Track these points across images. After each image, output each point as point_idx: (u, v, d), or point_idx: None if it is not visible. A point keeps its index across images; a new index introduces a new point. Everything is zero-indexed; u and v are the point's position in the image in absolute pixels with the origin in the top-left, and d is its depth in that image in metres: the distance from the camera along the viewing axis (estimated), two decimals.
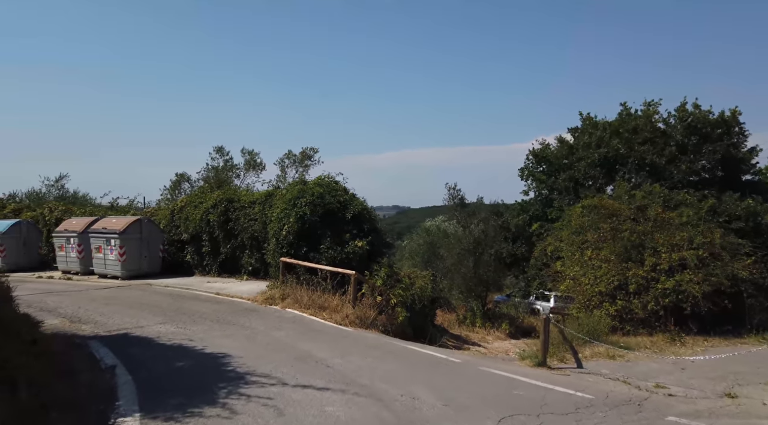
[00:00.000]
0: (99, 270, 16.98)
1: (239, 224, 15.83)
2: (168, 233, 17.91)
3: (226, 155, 26.68)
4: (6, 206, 23.01)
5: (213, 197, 16.88)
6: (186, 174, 25.18)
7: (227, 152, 26.96)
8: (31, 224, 20.26)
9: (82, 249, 17.37)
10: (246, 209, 15.88)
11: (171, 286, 14.83)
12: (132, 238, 16.43)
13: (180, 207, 17.95)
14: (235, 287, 14.40)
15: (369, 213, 14.32)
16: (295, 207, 13.29)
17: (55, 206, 21.17)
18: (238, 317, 10.76)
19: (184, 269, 17.63)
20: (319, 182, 14.26)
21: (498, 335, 20.90)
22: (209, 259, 16.96)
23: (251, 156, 27.16)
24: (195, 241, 17.16)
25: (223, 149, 26.72)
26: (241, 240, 15.83)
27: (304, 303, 12.06)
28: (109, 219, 17.46)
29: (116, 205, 24.03)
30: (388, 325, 12.11)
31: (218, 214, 16.23)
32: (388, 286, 12.75)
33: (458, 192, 24.56)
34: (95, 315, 10.32)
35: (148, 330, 9.24)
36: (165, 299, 12.63)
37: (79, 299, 12.25)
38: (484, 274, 21.20)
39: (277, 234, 13.39)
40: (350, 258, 13.17)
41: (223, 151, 26.67)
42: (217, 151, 26.42)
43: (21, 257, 19.58)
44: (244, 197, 16.40)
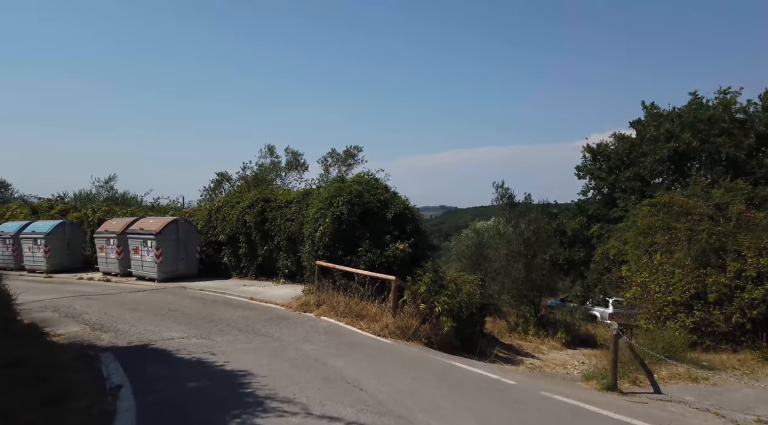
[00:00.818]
0: (137, 272, 16.65)
1: (276, 225, 15.08)
2: (205, 234, 17.42)
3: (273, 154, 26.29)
4: (54, 207, 23.33)
5: (249, 196, 16.23)
6: (227, 174, 24.86)
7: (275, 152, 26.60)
8: (75, 225, 20.32)
9: (121, 250, 17.11)
10: (283, 209, 15.11)
11: (205, 290, 14.23)
12: (168, 239, 15.99)
13: (217, 207, 17.42)
14: (269, 292, 13.63)
15: (412, 213, 13.22)
16: (331, 206, 12.36)
17: (98, 207, 21.19)
18: (268, 327, 9.91)
19: (222, 271, 17.08)
20: (357, 180, 13.28)
21: (553, 344, 19.33)
22: (246, 261, 16.32)
23: (294, 156, 26.61)
24: (232, 242, 16.57)
25: (274, 148, 26.33)
26: (277, 242, 15.07)
27: (340, 311, 11.10)
28: (146, 220, 17.13)
29: (157, 205, 23.93)
30: (432, 336, 10.99)
31: (254, 214, 15.55)
32: (433, 292, 11.62)
33: (507, 191, 23.03)
34: (119, 323, 9.70)
35: (170, 340, 8.49)
36: (196, 304, 11.98)
37: (109, 303, 11.76)
38: (537, 278, 19.66)
39: (312, 235, 12.50)
40: (391, 262, 12.12)
41: (274, 150, 26.27)
42: (268, 149, 26.02)
43: (65, 257, 19.63)
44: (281, 196, 15.65)
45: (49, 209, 23.13)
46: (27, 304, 11.55)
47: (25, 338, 7.50)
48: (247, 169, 24.96)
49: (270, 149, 26.19)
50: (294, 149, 27.21)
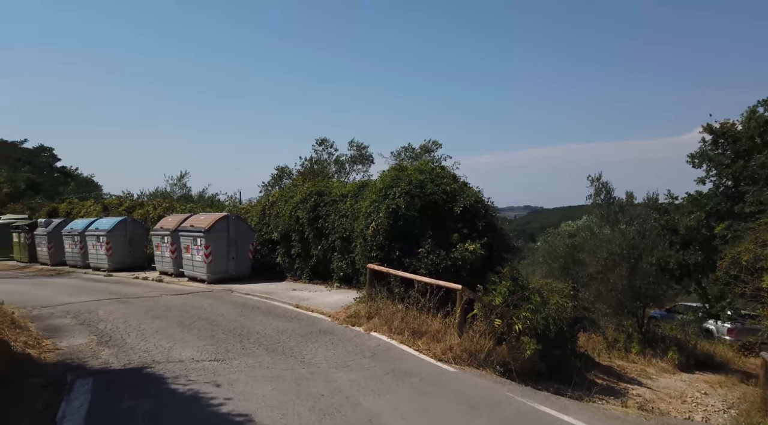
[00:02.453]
0: (188, 272, 15.59)
1: (329, 222, 13.30)
2: (258, 232, 16.05)
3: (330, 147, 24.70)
4: (122, 204, 23.27)
5: (302, 190, 14.61)
6: (286, 168, 23.62)
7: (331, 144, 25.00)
8: (137, 222, 19.85)
9: (175, 249, 16.16)
10: (337, 204, 13.31)
11: (251, 294, 12.72)
12: (218, 237, 14.73)
13: (271, 203, 15.99)
14: (319, 299, 11.84)
15: (485, 207, 10.89)
16: (386, 198, 10.33)
17: (159, 203, 20.66)
18: (302, 345, 8.06)
19: (276, 273, 15.61)
20: (420, 168, 11.14)
21: (663, 366, 16.03)
22: (300, 262, 14.71)
23: (359, 149, 24.88)
24: (285, 241, 15.04)
25: (327, 141, 24.74)
26: (332, 241, 13.29)
27: (394, 326, 9.03)
28: (198, 216, 16.05)
29: (216, 201, 23.13)
30: (510, 361, 8.64)
31: (307, 210, 13.88)
32: (511, 305, 9.26)
33: (605, 185, 19.78)
34: (131, 335, 8.26)
35: (176, 362, 6.85)
36: (232, 312, 10.42)
37: (138, 308, 10.49)
38: (642, 286, 16.44)
39: (364, 233, 10.54)
40: (458, 266, 9.89)
41: (327, 143, 24.69)
42: (319, 143, 24.56)
43: (127, 255, 19.16)
44: (335, 189, 13.86)
45: (118, 207, 23.08)
46: (56, 307, 10.56)
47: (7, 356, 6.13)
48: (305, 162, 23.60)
49: (322, 142, 24.64)
50: (359, 142, 25.49)
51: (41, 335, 8.04)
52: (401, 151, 25.81)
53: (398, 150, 25.58)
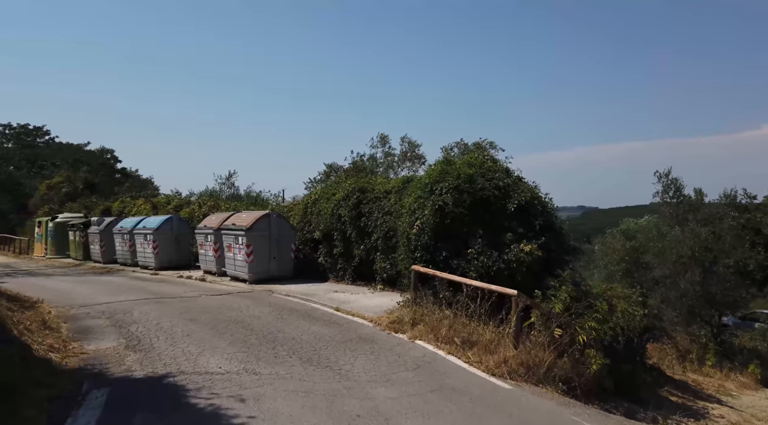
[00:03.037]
0: (230, 272, 15.28)
1: (372, 220, 12.60)
2: (301, 230, 15.55)
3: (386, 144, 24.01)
4: (170, 203, 23.44)
5: (345, 186, 13.97)
6: (335, 165, 23.08)
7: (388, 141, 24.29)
8: (182, 221, 19.84)
9: (218, 247, 15.90)
10: (381, 201, 12.58)
11: (291, 295, 12.19)
12: (259, 236, 14.32)
13: (313, 200, 15.45)
14: (360, 302, 11.15)
15: (542, 204, 9.88)
16: (432, 194, 9.50)
17: (204, 201, 20.58)
18: (340, 354, 7.36)
19: (319, 273, 15.05)
20: (469, 161, 10.24)
21: (743, 381, 14.43)
22: (342, 262, 14.08)
23: (411, 146, 24.02)
24: (327, 240, 14.46)
25: (387, 138, 24.04)
26: (375, 240, 12.58)
27: (441, 334, 8.20)
28: (240, 214, 15.72)
29: (260, 199, 22.85)
30: (574, 376, 7.65)
31: (349, 207, 13.22)
32: (574, 313, 8.26)
33: (674, 182, 18.10)
34: (161, 339, 7.82)
35: (200, 372, 6.29)
36: (269, 315, 9.87)
37: (175, 310, 10.12)
38: (718, 292, 14.85)
39: (408, 232, 9.75)
40: (513, 269, 8.95)
41: (387, 139, 23.99)
42: (380, 139, 23.86)
43: (173, 254, 19.16)
44: (379, 185, 13.13)
45: (166, 205, 23.27)
46: (94, 307, 10.35)
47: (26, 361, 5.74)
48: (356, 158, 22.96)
49: (382, 138, 23.90)
50: (411, 139, 24.63)
51: (71, 337, 7.71)
52: (452, 146, 24.87)
53: (449, 145, 24.66)
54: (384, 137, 24.60)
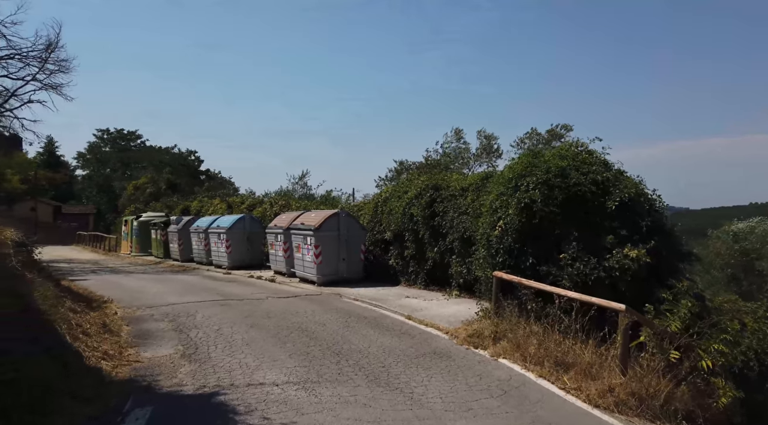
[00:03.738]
0: (299, 273, 14.82)
1: (447, 220, 11.57)
2: (371, 230, 14.80)
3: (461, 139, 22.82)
4: (244, 202, 23.60)
5: (417, 184, 13.02)
6: (406, 162, 22.19)
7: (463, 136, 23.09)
8: (254, 220, 19.78)
9: (287, 247, 15.52)
10: (456, 199, 11.53)
11: (360, 300, 11.43)
12: (328, 236, 13.72)
13: (384, 199, 14.65)
14: (434, 309, 10.17)
15: (649, 202, 8.42)
16: (517, 191, 8.34)
17: (275, 201, 20.42)
18: (412, 371, 6.44)
19: (390, 276, 14.23)
20: (560, 153, 8.96)
21: None
22: (414, 265, 13.16)
23: (488, 140, 22.66)
24: (398, 241, 13.59)
25: (462, 132, 22.86)
26: (450, 242, 11.55)
27: (529, 353, 7.05)
28: (309, 214, 15.23)
29: (330, 198, 22.38)
30: (697, 410, 6.27)
31: (422, 206, 12.27)
32: (694, 333, 6.84)
33: None
34: (219, 347, 7.27)
35: (254, 389, 5.61)
36: (336, 322, 9.14)
37: (238, 313, 9.65)
38: None
39: (488, 234, 8.64)
40: (614, 278, 7.61)
41: (461, 134, 22.82)
42: (455, 133, 22.71)
43: (245, 253, 19.11)
44: (454, 182, 12.08)
45: (240, 205, 23.46)
46: (160, 308, 10.10)
47: (69, 370, 5.30)
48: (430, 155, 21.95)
49: (457, 132, 22.70)
50: (488, 132, 23.25)
51: (129, 342, 7.35)
52: (524, 138, 23.23)
53: (521, 137, 23.06)
54: (458, 131, 23.40)
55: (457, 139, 23.04)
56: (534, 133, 22.10)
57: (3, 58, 23.01)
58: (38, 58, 23.55)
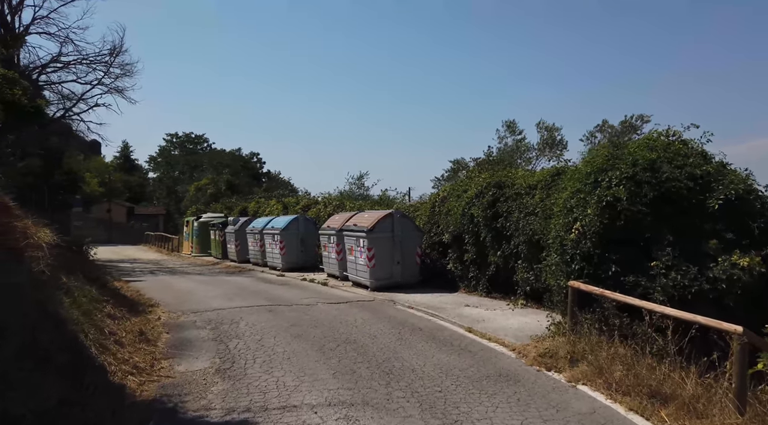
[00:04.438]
0: (352, 276, 14.13)
1: (512, 221, 10.47)
2: (428, 232, 13.87)
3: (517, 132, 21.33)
4: (299, 203, 23.28)
5: (478, 182, 11.97)
6: (463, 161, 21.05)
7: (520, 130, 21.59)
8: (308, 221, 19.32)
9: (340, 250, 14.89)
10: (522, 198, 10.41)
11: (416, 307, 10.55)
12: (381, 238, 12.93)
13: (441, 199, 13.68)
14: (498, 321, 9.11)
15: (761, 200, 7.03)
16: (597, 187, 7.18)
17: (329, 201, 19.90)
18: (474, 399, 5.49)
19: (448, 281, 13.25)
20: (648, 143, 7.70)
21: None
22: (474, 270, 12.12)
23: (550, 132, 21.07)
24: (457, 244, 12.60)
25: (515, 125, 21.38)
26: (515, 245, 10.45)
27: (615, 380, 5.91)
28: (362, 214, 14.50)
29: (386, 198, 21.59)
30: None
31: (483, 206, 11.23)
32: None
33: None
34: (257, 361, 6.61)
35: (289, 414, 4.86)
36: (388, 333, 8.31)
37: (282, 322, 9.01)
38: None
39: (562, 237, 7.51)
40: (721, 291, 6.33)
41: (515, 127, 21.34)
42: (507, 127, 21.31)
43: (299, 255, 18.69)
44: (520, 179, 10.94)
45: (295, 205, 23.16)
46: (204, 313, 9.65)
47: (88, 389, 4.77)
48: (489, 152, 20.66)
49: (509, 126, 21.21)
50: (549, 123, 21.62)
51: (165, 352, 6.84)
52: (595, 131, 21.46)
53: (591, 131, 21.30)
54: (511, 124, 21.87)
55: (510, 132, 21.54)
56: (605, 125, 20.36)
57: (71, 64, 23.99)
58: (103, 63, 24.39)
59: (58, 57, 23.00)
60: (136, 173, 78.22)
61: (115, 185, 63.65)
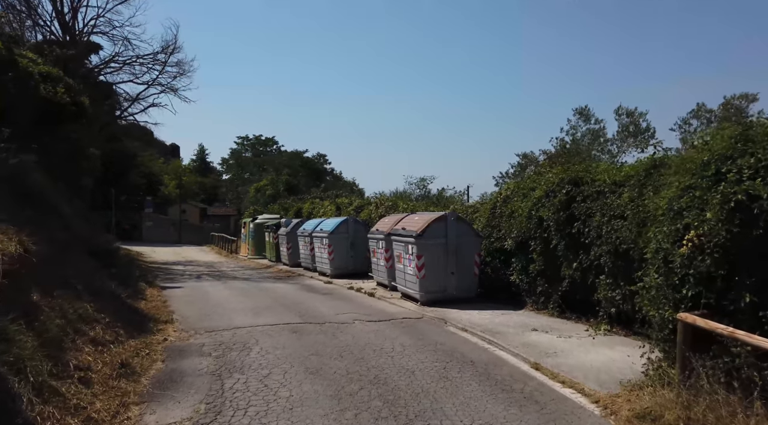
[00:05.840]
0: (400, 287, 12.48)
1: (592, 226, 8.41)
2: (487, 237, 11.94)
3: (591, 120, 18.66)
4: (352, 204, 21.92)
5: (548, 178, 9.95)
6: (531, 155, 18.72)
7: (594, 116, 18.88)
8: (359, 223, 17.84)
9: (389, 256, 13.29)
10: (605, 197, 8.33)
11: (469, 330, 8.74)
12: (433, 244, 11.20)
13: (503, 198, 11.70)
14: (574, 354, 7.13)
15: None
16: (721, 182, 5.08)
17: (381, 202, 18.33)
18: None
19: (511, 294, 11.30)
20: None
21: None
22: (543, 284, 10.09)
23: (633, 119, 18.21)
24: (522, 252, 10.62)
25: (588, 111, 18.71)
26: (595, 256, 8.38)
27: None
28: (412, 217, 12.80)
29: (443, 197, 19.65)
30: None
31: (555, 207, 9.22)
32: None
33: None
34: (249, 412, 5.12)
35: None
36: (429, 370, 6.58)
37: (302, 349, 7.47)
38: None
39: (666, 250, 5.45)
40: None
41: (589, 114, 18.68)
42: (579, 114, 18.68)
43: (348, 260, 17.26)
44: (601, 174, 8.81)
45: (348, 206, 21.82)
46: (219, 333, 8.34)
47: None
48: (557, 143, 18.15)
49: (581, 112, 18.53)
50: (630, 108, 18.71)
51: (144, 394, 5.49)
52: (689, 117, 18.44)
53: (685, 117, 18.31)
54: (584, 110, 19.13)
55: (584, 120, 18.87)
56: (702, 110, 17.38)
57: (128, 63, 24.03)
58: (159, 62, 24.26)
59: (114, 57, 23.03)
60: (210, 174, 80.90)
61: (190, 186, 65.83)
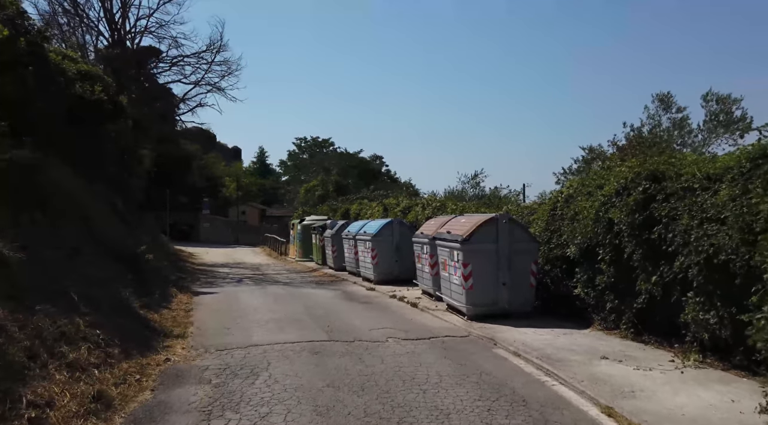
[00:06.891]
0: (446, 297, 11.17)
1: (677, 230, 6.79)
2: (545, 243, 10.38)
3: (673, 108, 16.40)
4: (399, 205, 20.69)
5: (620, 173, 8.33)
6: (598, 148, 16.73)
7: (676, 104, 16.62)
8: (404, 225, 16.59)
9: (434, 262, 12.00)
10: (695, 196, 6.69)
11: (524, 354, 7.31)
12: (481, 250, 9.81)
13: (565, 198, 10.11)
14: (658, 395, 5.57)
15: None
16: None
17: (428, 203, 17.03)
18: None
19: (574, 309, 9.71)
20: None
21: None
22: (614, 299, 8.46)
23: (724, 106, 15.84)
24: (587, 260, 9.02)
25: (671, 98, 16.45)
26: (681, 267, 6.75)
27: None
28: (458, 219, 11.43)
29: (496, 197, 18.01)
30: None
31: (629, 207, 7.63)
32: None
33: None
34: None
35: None
36: (468, 414, 5.26)
37: (320, 377, 6.31)
38: None
39: None
40: None
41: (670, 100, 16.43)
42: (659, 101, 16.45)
43: (393, 265, 16.05)
44: (690, 167, 7.12)
45: (395, 207, 20.62)
46: (231, 352, 7.38)
47: None
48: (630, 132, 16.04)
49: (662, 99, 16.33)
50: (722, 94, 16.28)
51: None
52: None
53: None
54: (665, 97, 16.85)
55: (665, 108, 16.62)
56: None
57: (175, 63, 24.00)
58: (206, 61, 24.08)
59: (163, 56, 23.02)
60: (270, 176, 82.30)
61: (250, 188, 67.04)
